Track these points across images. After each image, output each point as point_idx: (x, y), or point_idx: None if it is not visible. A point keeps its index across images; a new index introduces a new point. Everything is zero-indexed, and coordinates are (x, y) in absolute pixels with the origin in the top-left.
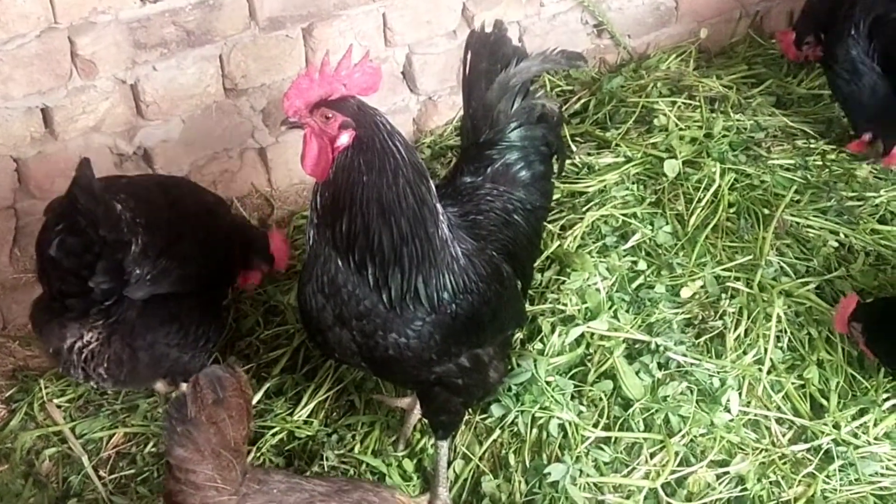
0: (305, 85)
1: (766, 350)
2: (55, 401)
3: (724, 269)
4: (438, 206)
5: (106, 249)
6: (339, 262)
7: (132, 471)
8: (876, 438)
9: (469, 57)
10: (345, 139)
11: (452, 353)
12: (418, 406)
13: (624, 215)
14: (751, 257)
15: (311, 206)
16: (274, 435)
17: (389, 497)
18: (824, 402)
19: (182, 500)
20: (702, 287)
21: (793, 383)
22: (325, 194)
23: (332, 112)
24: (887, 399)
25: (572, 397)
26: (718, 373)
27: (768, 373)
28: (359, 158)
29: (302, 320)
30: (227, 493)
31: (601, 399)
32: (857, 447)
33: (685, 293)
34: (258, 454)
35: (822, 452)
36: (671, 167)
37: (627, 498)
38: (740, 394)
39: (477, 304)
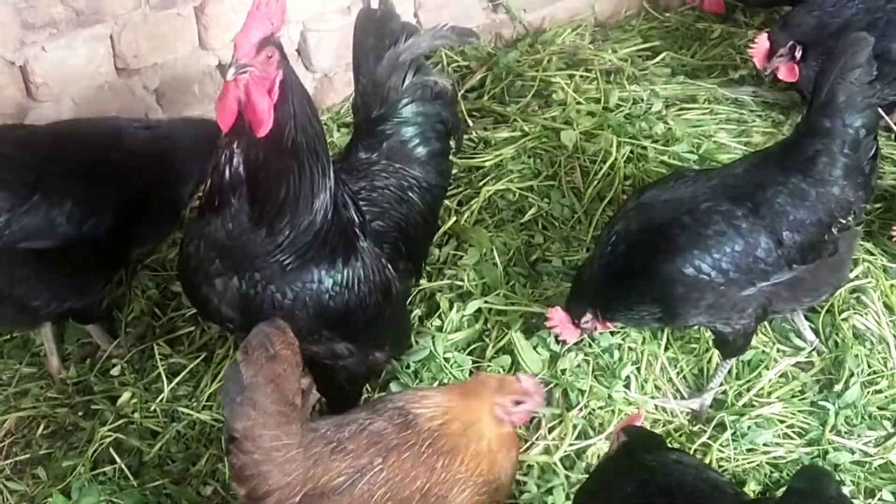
0: (255, 22)
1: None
2: None
3: None
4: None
5: None
6: (247, 212)
7: (27, 455)
8: (768, 402)
9: (356, 34)
10: (281, 78)
11: (324, 336)
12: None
13: (520, 189)
14: None
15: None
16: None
17: (413, 396)
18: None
19: (254, 471)
20: None
21: (687, 360)
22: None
23: (272, 50)
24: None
25: (471, 373)
26: (617, 346)
27: (665, 349)
28: (288, 99)
29: (183, 275)
30: (293, 448)
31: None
32: (750, 414)
33: None
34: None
35: (713, 424)
36: (569, 137)
37: (525, 474)
38: (638, 368)
39: (353, 304)
